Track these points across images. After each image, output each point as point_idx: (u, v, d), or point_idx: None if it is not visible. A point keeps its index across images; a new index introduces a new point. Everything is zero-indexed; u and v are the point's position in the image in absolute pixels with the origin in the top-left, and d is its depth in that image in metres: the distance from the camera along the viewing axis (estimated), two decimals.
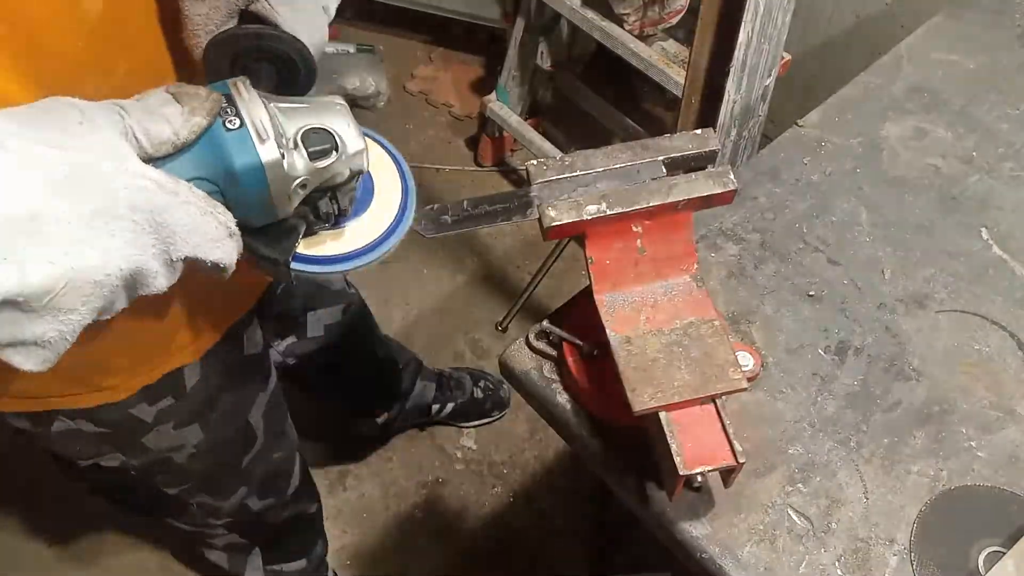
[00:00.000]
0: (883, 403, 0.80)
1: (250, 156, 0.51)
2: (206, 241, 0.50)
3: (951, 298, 0.88)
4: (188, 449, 0.96)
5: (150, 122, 0.49)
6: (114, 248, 0.46)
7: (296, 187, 0.53)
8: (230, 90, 0.52)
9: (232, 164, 0.50)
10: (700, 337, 0.70)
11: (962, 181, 0.99)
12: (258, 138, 0.51)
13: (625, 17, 1.67)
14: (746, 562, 0.71)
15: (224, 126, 0.51)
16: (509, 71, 2.05)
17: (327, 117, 0.55)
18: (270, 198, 0.53)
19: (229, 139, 0.50)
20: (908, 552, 0.72)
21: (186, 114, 0.49)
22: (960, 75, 1.11)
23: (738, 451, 0.66)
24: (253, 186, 0.52)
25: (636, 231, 0.70)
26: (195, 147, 0.50)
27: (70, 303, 0.45)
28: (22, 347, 0.46)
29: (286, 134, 0.53)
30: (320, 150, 0.54)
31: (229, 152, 0.50)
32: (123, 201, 0.46)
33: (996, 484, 0.75)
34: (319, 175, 0.54)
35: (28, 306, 0.44)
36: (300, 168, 0.53)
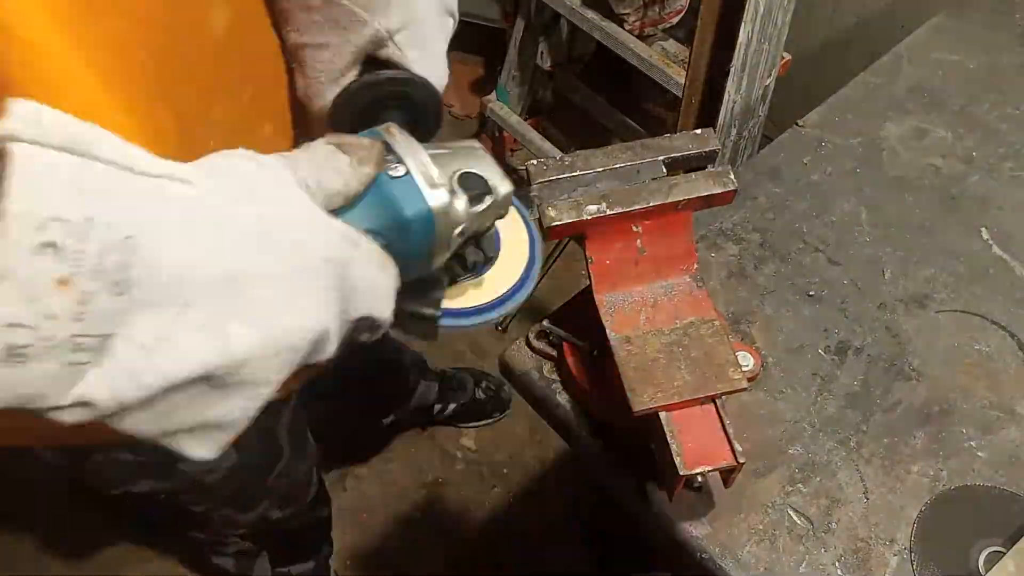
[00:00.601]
0: (883, 403, 0.80)
1: (420, 203, 0.48)
2: (380, 298, 0.47)
3: (951, 298, 0.88)
4: (221, 471, 0.94)
5: (321, 173, 0.45)
6: (310, 308, 0.42)
7: (456, 235, 0.51)
8: (383, 135, 0.50)
9: (403, 212, 0.47)
10: (700, 337, 0.70)
11: (962, 181, 0.99)
12: (427, 184, 0.48)
13: (625, 17, 1.67)
14: (746, 562, 0.71)
15: (388, 174, 0.48)
16: (509, 71, 2.05)
17: (474, 162, 0.52)
18: (433, 247, 0.50)
19: (396, 187, 0.48)
20: (908, 552, 0.72)
21: (354, 164, 0.46)
22: (960, 75, 1.11)
23: (738, 451, 0.66)
24: (421, 235, 0.49)
25: (636, 231, 0.70)
26: (363, 200, 0.48)
27: (265, 374, 0.41)
28: (200, 431, 0.41)
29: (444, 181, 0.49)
30: (477, 194, 0.51)
31: (398, 200, 0.47)
32: (316, 254, 0.42)
33: (996, 484, 0.75)
34: (476, 221, 0.52)
35: (222, 381, 0.39)
36: (462, 213, 0.50)
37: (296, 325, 0.41)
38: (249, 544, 1.26)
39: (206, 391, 0.40)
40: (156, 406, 0.39)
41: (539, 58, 2.01)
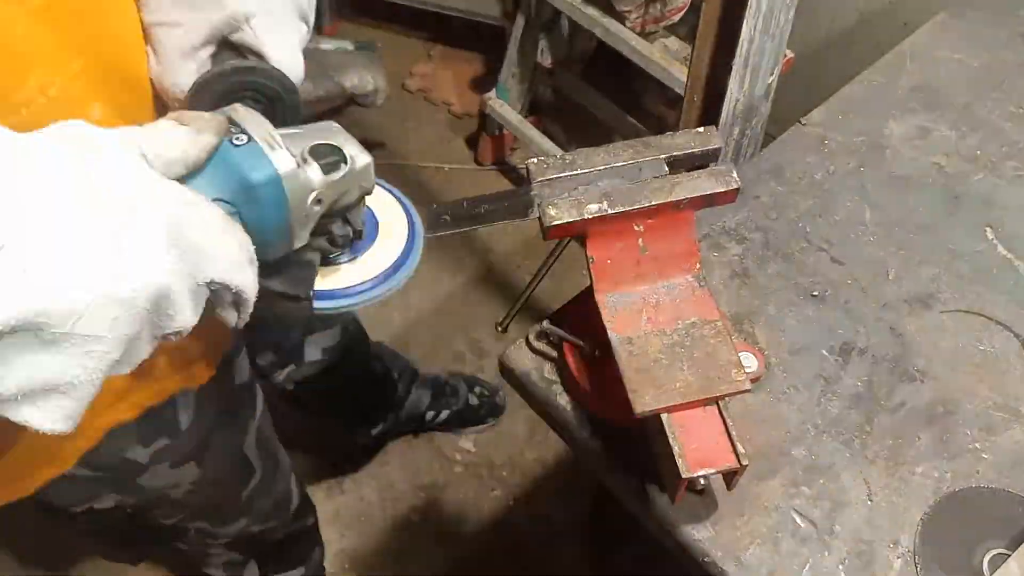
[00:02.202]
0: (887, 404, 0.79)
1: (266, 167, 0.49)
2: (229, 263, 0.47)
3: (955, 298, 0.87)
4: (185, 486, 0.93)
5: (158, 142, 0.46)
6: (140, 263, 0.42)
7: (312, 203, 0.51)
8: (229, 114, 0.51)
9: (248, 178, 0.48)
10: (702, 338, 0.69)
11: (966, 180, 0.98)
12: (269, 148, 0.49)
13: (626, 14, 1.66)
14: (749, 565, 0.70)
15: (231, 143, 0.49)
16: (509, 69, 2.04)
17: (328, 136, 0.53)
18: (289, 216, 0.50)
19: (240, 154, 0.49)
20: (912, 555, 0.71)
21: (193, 133, 0.47)
22: (963, 73, 1.10)
23: (741, 453, 0.65)
24: (272, 201, 0.49)
25: (638, 230, 0.70)
26: (207, 169, 0.49)
27: (96, 327, 0.41)
28: (41, 397, 0.41)
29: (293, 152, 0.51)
30: (331, 162, 0.52)
31: (242, 166, 0.48)
32: (147, 213, 0.43)
33: (1001, 486, 0.74)
34: (333, 189, 0.52)
35: (49, 332, 0.39)
36: (315, 181, 0.51)
37: (123, 273, 0.41)
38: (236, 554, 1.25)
39: (35, 345, 0.39)
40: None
41: (540, 55, 2.01)
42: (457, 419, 1.81)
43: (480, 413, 1.83)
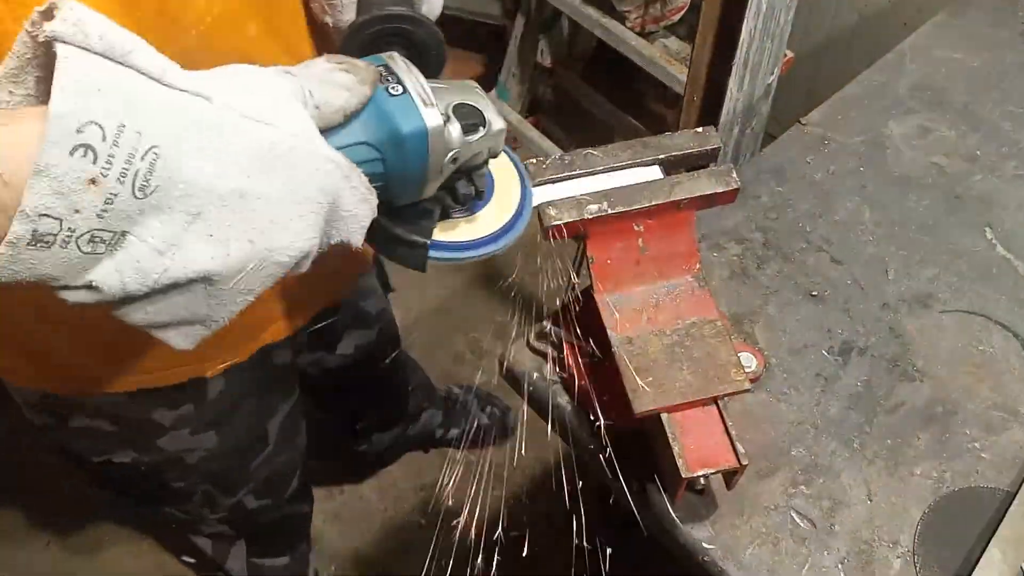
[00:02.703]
0: (886, 404, 0.80)
1: (416, 120, 0.50)
2: (357, 228, 0.49)
3: (955, 298, 0.87)
4: (200, 452, 0.95)
5: (324, 90, 0.47)
6: (303, 230, 0.45)
7: (448, 160, 0.53)
8: (386, 61, 0.52)
9: (399, 128, 0.50)
10: (702, 337, 0.69)
11: (966, 180, 0.98)
12: (422, 103, 0.50)
13: (626, 14, 1.66)
14: (748, 565, 0.70)
15: (387, 92, 0.50)
16: (509, 69, 2.04)
17: (470, 96, 0.55)
18: (427, 168, 0.52)
19: (394, 104, 0.50)
20: (911, 554, 0.71)
21: (355, 83, 0.48)
22: (963, 73, 1.10)
23: (741, 453, 0.65)
24: (416, 153, 0.51)
25: (638, 230, 0.70)
26: (361, 115, 0.50)
27: (253, 284, 0.44)
28: (187, 326, 0.45)
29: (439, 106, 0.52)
30: (471, 124, 0.53)
31: (395, 117, 0.50)
32: (315, 183, 0.45)
33: (1000, 486, 0.75)
34: (468, 149, 0.54)
35: (218, 287, 0.43)
36: (455, 139, 0.52)
37: (286, 244, 0.45)
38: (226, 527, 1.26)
39: (201, 294, 0.43)
40: (156, 301, 0.42)
41: (539, 55, 2.01)
42: (465, 437, 1.80)
43: (490, 434, 1.82)
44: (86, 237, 0.38)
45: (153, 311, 0.43)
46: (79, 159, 0.36)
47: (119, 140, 0.37)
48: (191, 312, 0.44)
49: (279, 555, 1.44)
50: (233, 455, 1.02)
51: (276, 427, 1.05)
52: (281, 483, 1.20)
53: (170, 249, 0.41)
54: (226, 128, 0.42)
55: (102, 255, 0.39)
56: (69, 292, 0.40)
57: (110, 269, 0.40)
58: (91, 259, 0.39)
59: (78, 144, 0.36)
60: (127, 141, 0.37)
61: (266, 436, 1.05)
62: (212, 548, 1.38)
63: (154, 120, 0.38)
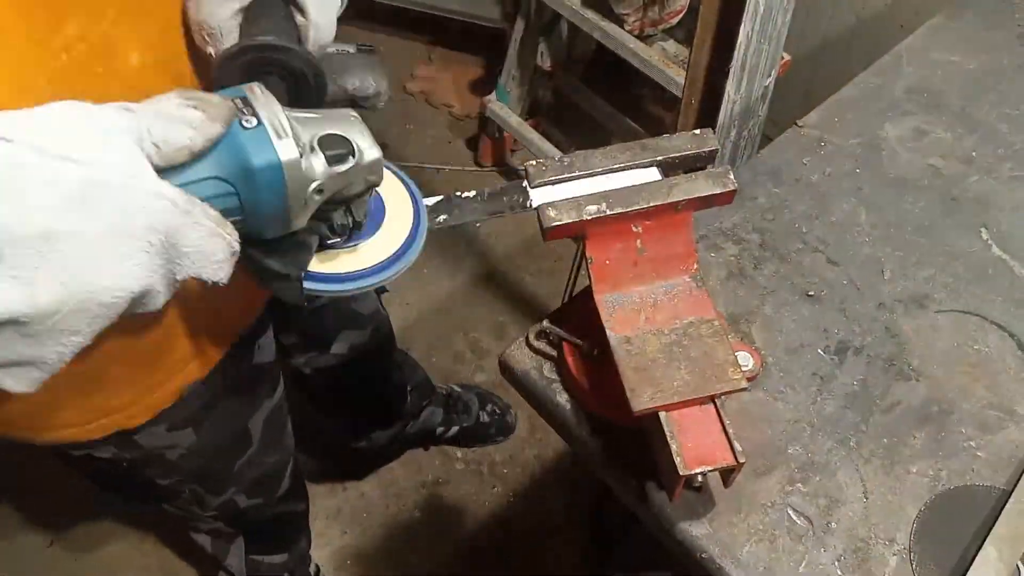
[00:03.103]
0: (882, 403, 0.80)
1: (268, 154, 0.49)
2: (211, 263, 0.48)
3: (951, 298, 0.88)
4: (180, 450, 0.95)
5: (167, 128, 0.46)
6: (127, 270, 0.44)
7: (312, 192, 0.52)
8: (245, 93, 0.51)
9: (250, 162, 0.49)
10: (700, 337, 0.70)
11: (962, 181, 0.99)
12: (276, 135, 0.49)
13: (625, 17, 1.67)
14: (746, 562, 0.71)
15: (241, 124, 0.49)
16: (509, 71, 2.05)
17: (342, 126, 0.53)
18: (287, 202, 0.51)
19: (246, 137, 0.49)
20: (908, 552, 0.72)
21: (204, 121, 0.47)
22: (960, 75, 1.11)
23: (738, 451, 0.66)
24: (270, 187, 0.50)
25: (636, 231, 0.70)
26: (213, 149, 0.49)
27: (75, 325, 0.43)
28: (16, 368, 0.44)
29: (302, 139, 0.51)
30: (337, 155, 0.52)
31: (247, 150, 0.49)
32: (140, 221, 0.44)
33: (996, 484, 0.75)
34: (336, 181, 0.53)
35: (31, 327, 0.42)
36: (318, 171, 0.51)
37: (111, 285, 0.44)
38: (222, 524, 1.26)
39: (15, 336, 0.42)
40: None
41: (539, 58, 2.01)
42: (466, 435, 1.80)
43: (490, 431, 1.83)
44: None
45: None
46: None
47: None
48: (13, 353, 0.43)
49: (278, 552, 1.45)
50: (214, 453, 1.01)
51: (259, 425, 1.04)
52: (271, 483, 1.21)
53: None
54: (25, 169, 0.41)
55: None
56: None
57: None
58: None
59: None
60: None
61: (248, 434, 1.04)
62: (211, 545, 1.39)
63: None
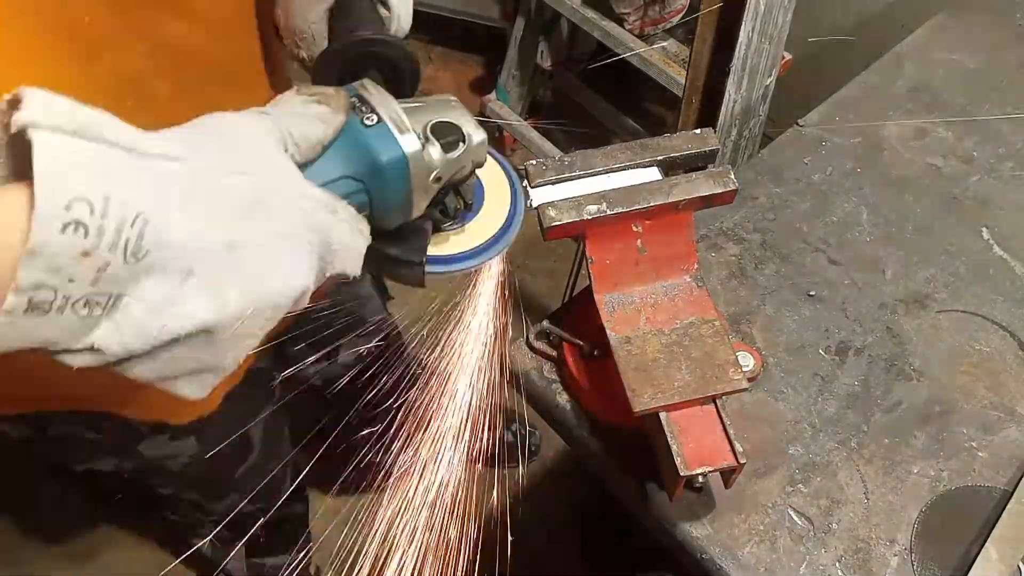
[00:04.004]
0: (884, 403, 0.80)
1: (394, 149, 0.51)
2: (353, 258, 0.50)
3: (952, 298, 0.88)
4: (183, 459, 0.95)
5: (301, 124, 0.48)
6: (295, 270, 0.46)
7: (432, 180, 0.54)
8: (358, 91, 0.53)
9: (378, 158, 0.51)
10: (700, 337, 0.70)
11: (963, 181, 0.98)
12: (398, 131, 0.51)
13: (625, 16, 1.67)
14: (746, 563, 0.70)
15: (363, 123, 0.51)
16: (509, 70, 2.05)
17: (447, 112, 0.55)
18: (411, 192, 0.53)
19: (371, 135, 0.51)
20: (909, 552, 0.71)
21: (329, 113, 0.49)
22: (961, 75, 1.10)
23: (739, 452, 0.66)
24: (397, 180, 0.52)
25: (636, 231, 0.70)
26: (336, 146, 0.51)
27: (253, 329, 0.45)
28: (195, 376, 0.46)
29: (417, 130, 0.53)
30: (450, 141, 0.54)
31: (373, 147, 0.51)
32: (301, 223, 0.46)
33: (997, 484, 0.75)
34: (451, 167, 0.55)
35: (217, 336, 0.44)
36: (436, 160, 0.53)
37: (282, 286, 0.46)
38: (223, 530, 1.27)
39: (203, 344, 0.44)
40: (159, 356, 0.43)
41: (539, 57, 2.01)
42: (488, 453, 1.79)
43: (513, 451, 1.81)
44: (81, 302, 0.38)
45: (157, 367, 0.43)
46: (71, 235, 0.37)
47: (107, 211, 0.38)
48: (197, 362, 0.45)
49: (279, 554, 1.45)
50: (216, 461, 1.01)
51: (259, 432, 1.05)
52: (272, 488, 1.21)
53: (167, 306, 0.41)
54: (203, 186, 0.43)
55: (100, 317, 0.40)
56: (70, 356, 0.40)
57: (109, 330, 0.40)
58: (89, 322, 0.39)
59: (68, 221, 0.37)
60: (114, 211, 0.38)
61: (250, 441, 1.05)
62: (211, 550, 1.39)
63: (135, 188, 0.39)
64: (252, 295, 0.44)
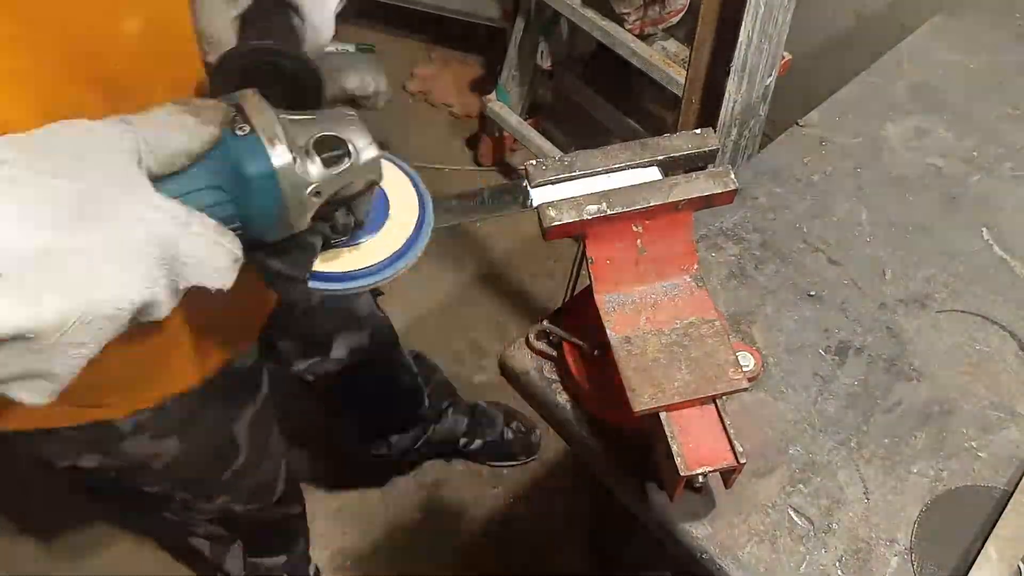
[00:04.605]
0: (884, 403, 0.80)
1: (261, 162, 0.49)
2: (212, 271, 0.48)
3: (952, 298, 0.88)
4: (165, 458, 0.95)
5: (162, 135, 0.47)
6: (128, 282, 0.45)
7: (310, 195, 0.52)
8: (239, 100, 0.51)
9: (244, 170, 0.49)
10: (700, 337, 0.70)
11: (963, 181, 0.98)
12: (268, 143, 0.49)
13: (625, 16, 1.67)
14: (746, 563, 0.70)
15: (234, 133, 0.49)
16: (509, 70, 2.05)
17: (338, 127, 0.53)
18: (284, 206, 0.51)
19: (239, 145, 0.49)
20: (909, 553, 0.72)
21: (198, 124, 0.48)
22: (961, 75, 1.10)
23: (739, 452, 0.66)
24: (266, 193, 0.50)
25: (636, 231, 0.70)
26: (207, 156, 0.49)
27: (81, 338, 0.44)
28: (28, 381, 0.45)
29: (297, 142, 0.51)
30: (333, 156, 0.52)
31: (240, 158, 0.49)
32: (138, 234, 0.45)
33: (997, 485, 0.75)
34: (333, 183, 0.53)
35: (38, 343, 0.43)
36: (314, 174, 0.51)
37: (114, 296, 0.44)
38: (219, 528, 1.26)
39: (24, 350, 0.43)
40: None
41: (539, 58, 2.01)
42: (489, 450, 1.79)
43: (513, 449, 1.81)
44: None
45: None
46: None
47: None
48: (21, 367, 0.43)
49: (277, 554, 1.45)
50: (201, 461, 1.01)
51: (244, 432, 1.04)
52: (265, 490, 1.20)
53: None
54: (25, 190, 0.42)
55: None
56: None
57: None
58: None
59: None
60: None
61: (235, 442, 1.04)
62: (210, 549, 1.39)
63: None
64: (76, 303, 0.43)
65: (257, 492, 1.17)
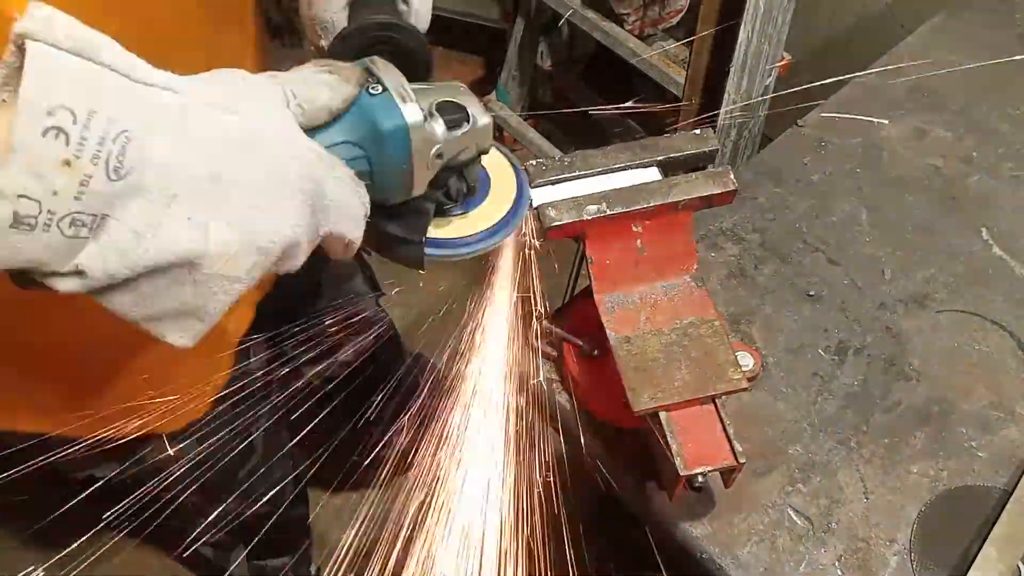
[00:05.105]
0: (883, 403, 0.80)
1: (396, 117, 0.52)
2: (349, 219, 0.51)
3: (951, 298, 0.88)
4: (184, 462, 0.95)
5: (308, 88, 0.49)
6: (282, 217, 0.46)
7: (434, 156, 0.55)
8: (367, 64, 0.54)
9: (380, 125, 0.52)
10: (700, 337, 0.70)
11: (962, 181, 0.99)
12: (401, 100, 0.52)
13: (625, 17, 1.67)
14: (746, 562, 0.71)
15: (368, 92, 0.52)
16: (509, 71, 2.05)
17: (454, 94, 0.56)
18: (412, 163, 0.54)
19: (375, 103, 0.52)
20: (908, 552, 0.72)
21: (339, 81, 0.51)
22: (961, 75, 1.10)
23: (738, 451, 0.66)
24: (398, 148, 0.53)
25: (636, 231, 0.70)
26: (343, 116, 0.52)
27: (238, 269, 0.45)
28: (180, 320, 0.46)
29: (423, 105, 0.54)
30: (455, 119, 0.55)
31: (375, 114, 0.52)
32: (293, 170, 0.47)
33: (996, 484, 0.75)
34: (453, 145, 0.56)
35: (200, 271, 0.44)
36: (439, 134, 0.54)
37: (270, 229, 0.46)
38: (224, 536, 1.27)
39: (185, 278, 0.44)
40: (141, 287, 0.43)
41: (539, 58, 2.01)
42: None
43: None
44: (67, 220, 0.39)
45: (139, 300, 0.44)
46: (51, 140, 0.37)
47: (90, 124, 0.38)
48: (179, 301, 0.45)
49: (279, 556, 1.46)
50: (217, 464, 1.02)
51: (260, 436, 1.06)
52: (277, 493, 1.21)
53: (150, 231, 0.42)
54: (193, 116, 0.43)
55: (86, 239, 0.40)
56: (58, 280, 0.41)
57: (93, 253, 0.41)
58: (75, 243, 0.40)
59: (50, 126, 0.37)
60: (97, 125, 0.39)
61: (251, 446, 1.06)
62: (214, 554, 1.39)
63: (123, 107, 0.40)
64: (237, 231, 0.44)
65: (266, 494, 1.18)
